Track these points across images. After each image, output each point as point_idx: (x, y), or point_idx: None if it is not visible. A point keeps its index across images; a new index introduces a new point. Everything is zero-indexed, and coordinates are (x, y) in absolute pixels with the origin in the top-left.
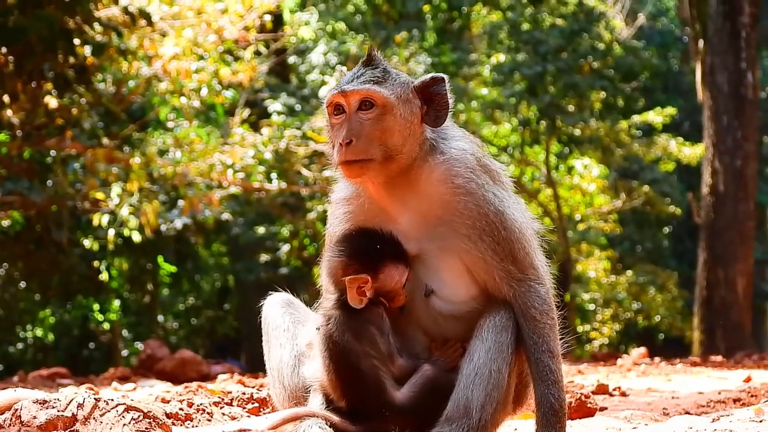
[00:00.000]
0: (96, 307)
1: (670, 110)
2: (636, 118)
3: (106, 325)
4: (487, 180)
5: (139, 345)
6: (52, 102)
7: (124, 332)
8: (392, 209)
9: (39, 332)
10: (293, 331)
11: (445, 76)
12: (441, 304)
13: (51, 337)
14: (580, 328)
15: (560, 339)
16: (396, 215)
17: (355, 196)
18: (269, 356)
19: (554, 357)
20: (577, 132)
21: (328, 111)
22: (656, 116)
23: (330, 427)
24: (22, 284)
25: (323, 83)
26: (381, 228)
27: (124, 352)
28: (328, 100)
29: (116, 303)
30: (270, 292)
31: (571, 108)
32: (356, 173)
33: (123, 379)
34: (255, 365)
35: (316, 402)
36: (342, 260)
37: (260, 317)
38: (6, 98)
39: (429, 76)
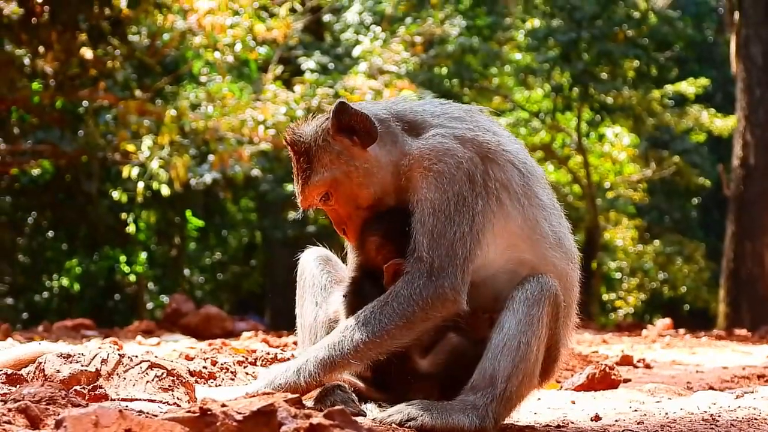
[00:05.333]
0: (122, 258)
1: (703, 81)
2: (669, 88)
3: (132, 277)
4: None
5: (165, 298)
6: (86, 53)
7: (150, 285)
8: None
9: (65, 282)
10: (330, 290)
11: (341, 99)
12: None
13: (77, 287)
14: (605, 297)
15: (387, 333)
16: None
17: None
18: (302, 313)
19: (362, 326)
20: (610, 100)
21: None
22: (689, 87)
23: (354, 392)
24: (50, 233)
25: (357, 42)
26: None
27: (149, 305)
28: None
29: (143, 255)
30: (301, 249)
31: (604, 76)
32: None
33: (147, 333)
34: (278, 322)
35: None
36: (376, 239)
37: (287, 273)
38: (40, 48)
39: (331, 111)
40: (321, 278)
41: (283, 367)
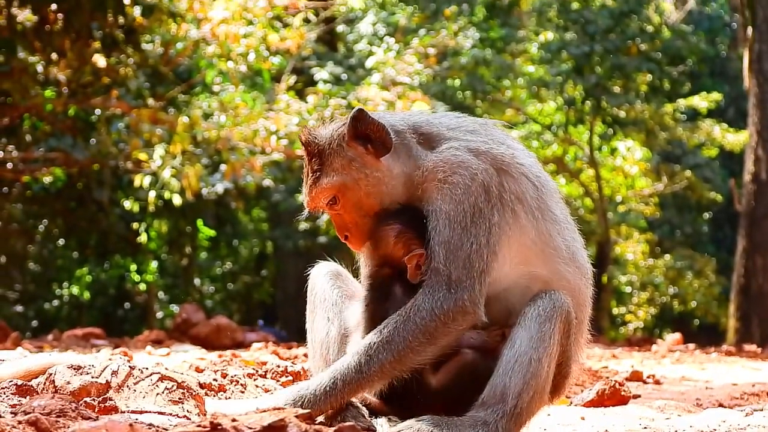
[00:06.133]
0: (133, 267)
1: (716, 96)
2: (681, 102)
3: (143, 286)
4: (478, 172)
5: (175, 307)
6: (99, 61)
7: (160, 294)
8: None
9: (75, 290)
10: (341, 305)
11: (360, 107)
12: None
13: (87, 295)
14: (615, 311)
15: (411, 350)
16: None
17: None
18: (313, 329)
19: (386, 344)
20: (622, 114)
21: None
22: (701, 101)
23: (365, 406)
24: (61, 241)
25: (371, 53)
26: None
27: (159, 314)
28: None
29: (153, 264)
30: (312, 263)
31: (616, 89)
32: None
33: (157, 343)
34: (289, 332)
35: None
36: (395, 227)
37: (298, 285)
38: (54, 55)
39: (348, 118)
40: (332, 293)
41: (305, 384)
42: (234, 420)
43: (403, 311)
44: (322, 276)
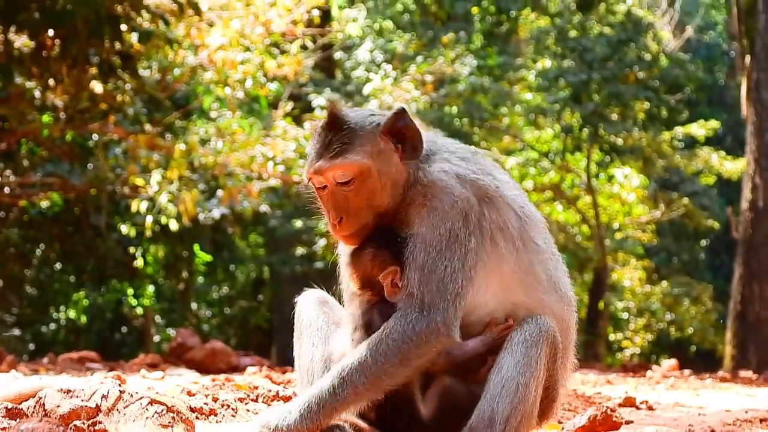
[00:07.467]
0: (130, 291)
1: (714, 123)
2: (679, 130)
3: (139, 311)
4: (464, 199)
5: (172, 331)
6: (96, 87)
7: (157, 318)
8: None
9: (72, 314)
10: (326, 331)
11: (404, 106)
12: None
13: (84, 319)
14: (612, 336)
15: (384, 373)
16: None
17: None
18: (299, 354)
19: (359, 366)
20: (620, 141)
21: (311, 183)
22: (699, 129)
23: (355, 430)
24: (58, 266)
25: (368, 80)
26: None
27: (156, 338)
28: (307, 176)
29: (150, 289)
30: (305, 288)
31: (614, 117)
32: (353, 241)
33: (152, 366)
34: (285, 358)
35: None
36: (371, 250)
37: (293, 312)
38: (51, 81)
39: (391, 113)
40: (318, 319)
41: (283, 408)
42: None
43: (376, 334)
44: (309, 302)
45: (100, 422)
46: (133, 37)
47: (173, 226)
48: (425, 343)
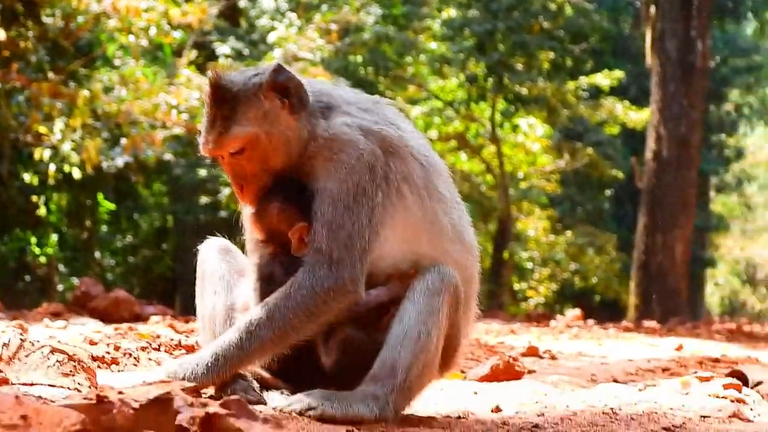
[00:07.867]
0: (33, 240)
1: (618, 74)
2: (583, 80)
3: (43, 259)
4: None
5: (75, 280)
6: None
7: (61, 267)
8: None
9: None
10: (229, 280)
11: (280, 63)
12: None
13: None
14: (516, 286)
15: (291, 327)
16: None
17: None
18: (202, 303)
19: (266, 320)
20: (524, 91)
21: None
22: (604, 79)
23: (258, 380)
24: None
25: (272, 29)
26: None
27: (60, 287)
28: (202, 152)
29: (54, 238)
30: (208, 237)
31: (519, 66)
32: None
33: (56, 315)
34: (189, 307)
35: None
36: (277, 204)
37: (196, 261)
38: None
39: (269, 70)
40: (220, 268)
41: (190, 359)
42: (120, 393)
43: (284, 288)
44: (211, 251)
45: (1, 371)
46: None
47: (76, 174)
48: (333, 299)
